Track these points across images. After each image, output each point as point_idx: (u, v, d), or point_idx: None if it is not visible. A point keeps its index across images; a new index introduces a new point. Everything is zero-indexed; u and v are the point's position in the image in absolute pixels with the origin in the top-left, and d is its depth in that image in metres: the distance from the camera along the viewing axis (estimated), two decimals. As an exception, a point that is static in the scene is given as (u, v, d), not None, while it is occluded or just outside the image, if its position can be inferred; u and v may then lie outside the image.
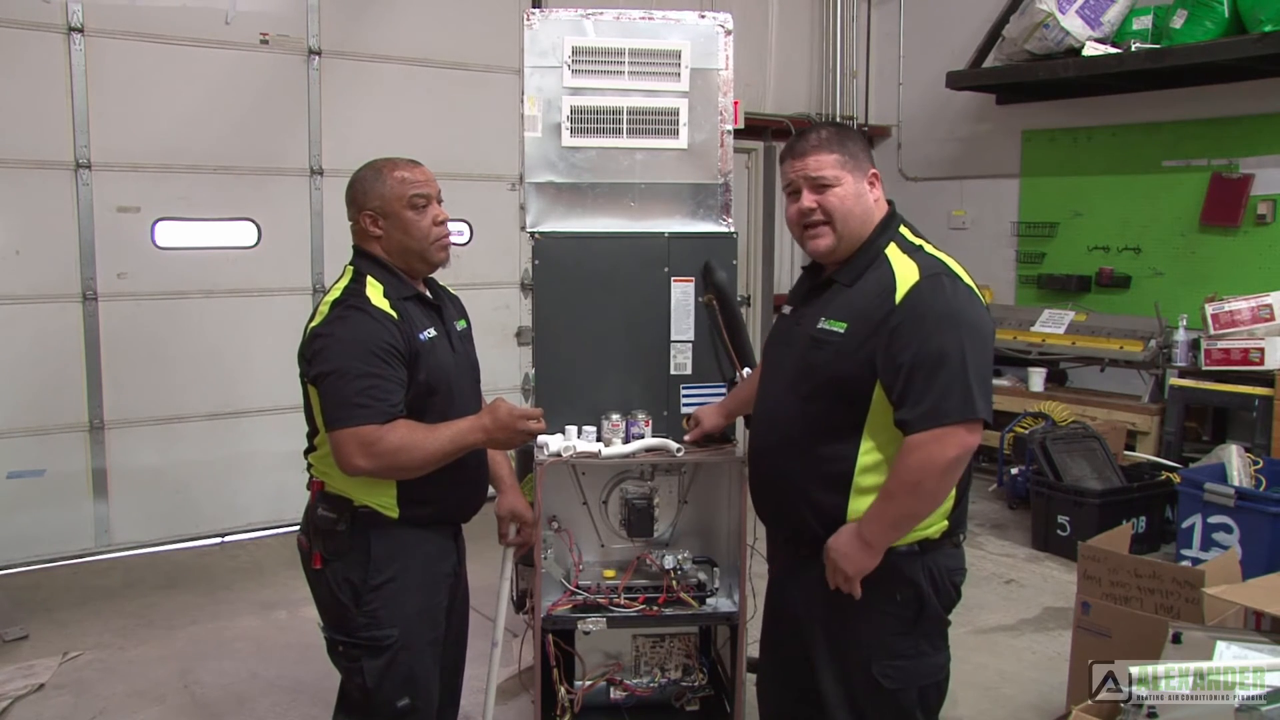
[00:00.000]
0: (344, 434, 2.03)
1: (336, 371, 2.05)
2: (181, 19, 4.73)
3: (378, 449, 2.02)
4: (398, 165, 2.24)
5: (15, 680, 3.50)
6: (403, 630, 2.18)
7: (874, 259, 2.03)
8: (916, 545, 2.02)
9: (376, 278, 2.19)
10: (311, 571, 2.23)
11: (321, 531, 2.18)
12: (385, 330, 2.10)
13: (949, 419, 1.88)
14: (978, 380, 1.91)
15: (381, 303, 2.14)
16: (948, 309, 1.93)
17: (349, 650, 2.19)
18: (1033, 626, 4.07)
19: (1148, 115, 6.00)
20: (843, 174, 2.04)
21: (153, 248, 4.79)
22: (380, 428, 2.02)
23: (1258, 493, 4.19)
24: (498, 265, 5.69)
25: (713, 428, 2.77)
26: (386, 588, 2.17)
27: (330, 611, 2.22)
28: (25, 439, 4.56)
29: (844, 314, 2.01)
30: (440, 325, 2.27)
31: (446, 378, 2.22)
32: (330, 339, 2.09)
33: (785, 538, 2.22)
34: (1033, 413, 5.68)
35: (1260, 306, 4.84)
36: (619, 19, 2.92)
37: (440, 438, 2.08)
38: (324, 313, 2.14)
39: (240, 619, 4.10)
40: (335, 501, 2.18)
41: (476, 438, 2.12)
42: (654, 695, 3.02)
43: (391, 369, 2.08)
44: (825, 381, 2.02)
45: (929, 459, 1.89)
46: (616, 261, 2.88)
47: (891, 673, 2.03)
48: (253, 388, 5.05)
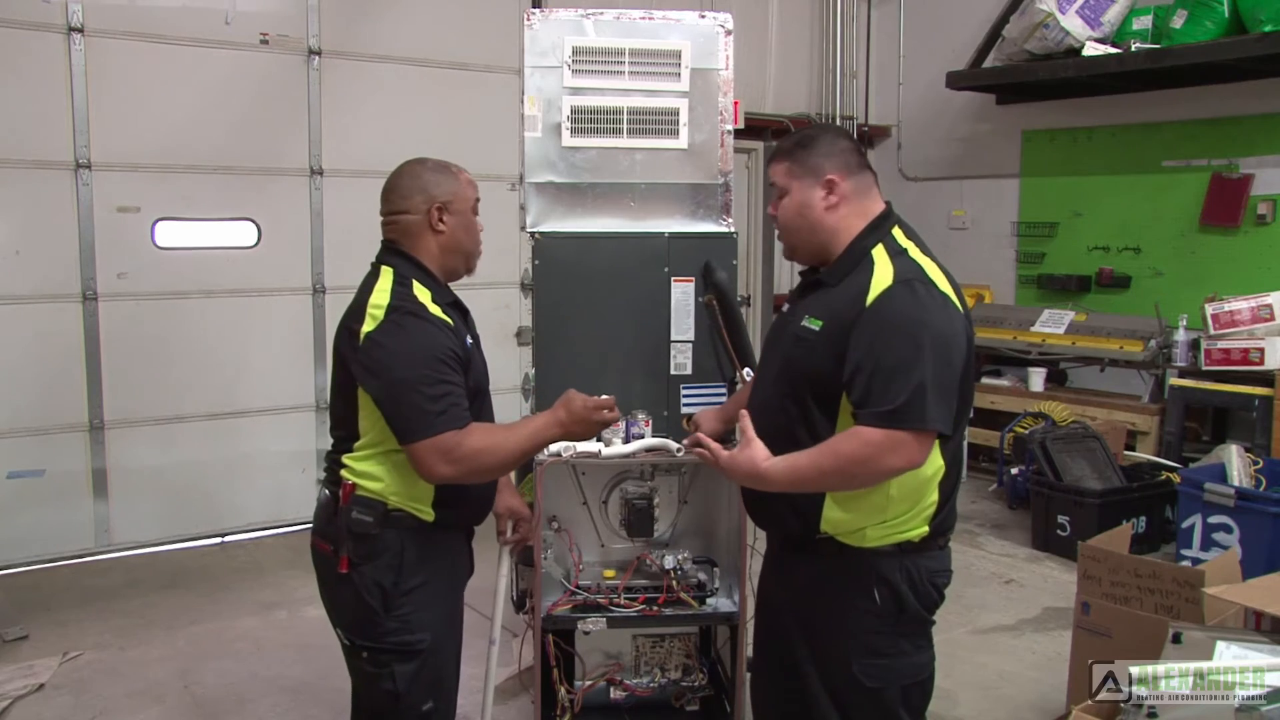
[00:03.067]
0: (424, 445, 2.01)
1: (405, 382, 2.02)
2: (181, 19, 4.73)
3: (458, 454, 2.02)
4: (461, 169, 2.25)
5: (15, 680, 3.50)
6: (434, 634, 2.17)
7: (860, 260, 2.02)
8: (895, 547, 2.01)
9: (422, 283, 2.14)
10: (335, 576, 2.15)
11: (355, 534, 2.12)
12: (446, 336, 2.09)
13: (905, 425, 1.86)
14: (937, 392, 1.88)
15: (434, 308, 2.11)
16: (916, 317, 1.91)
17: (376, 656, 2.14)
18: (1033, 626, 4.07)
19: (1148, 115, 6.00)
20: (790, 181, 2.07)
21: (153, 248, 4.79)
22: (459, 433, 2.02)
23: (1258, 493, 4.19)
24: (498, 265, 5.68)
25: (711, 433, 2.76)
26: (418, 592, 2.14)
27: (355, 616, 2.16)
28: (25, 439, 4.56)
29: (822, 312, 2.01)
30: (473, 331, 2.28)
31: (484, 382, 2.26)
32: (392, 349, 2.04)
33: (769, 534, 2.23)
34: (1033, 413, 5.69)
35: (1260, 306, 4.84)
36: (619, 19, 2.92)
37: (518, 436, 2.10)
38: (378, 318, 2.07)
39: (240, 619, 4.10)
40: (370, 504, 2.13)
41: (553, 432, 2.14)
42: (654, 695, 3.02)
43: (458, 374, 2.08)
44: (801, 378, 2.03)
45: (871, 457, 1.87)
46: (616, 261, 2.89)
47: (872, 671, 2.02)
48: (253, 388, 5.05)
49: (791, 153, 2.09)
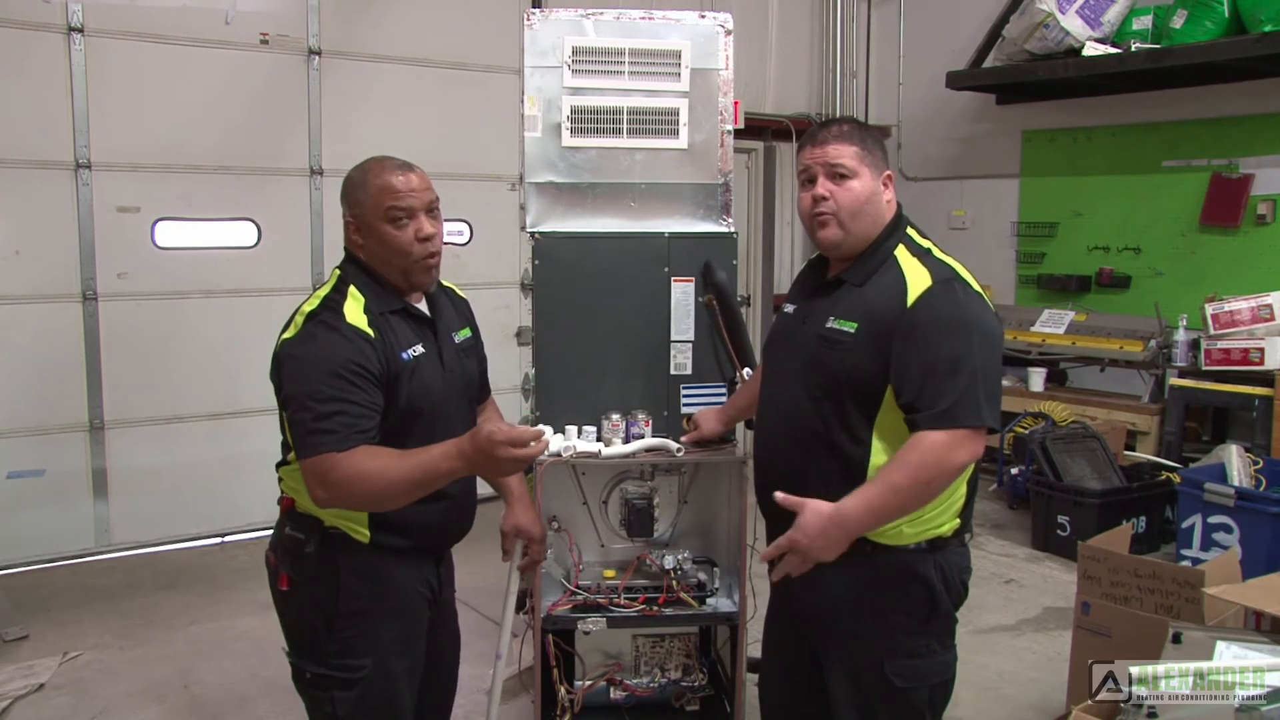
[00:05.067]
0: (305, 464, 1.87)
1: (299, 396, 1.89)
2: (181, 19, 4.73)
3: (332, 478, 1.84)
4: (385, 169, 2.01)
5: (15, 680, 3.49)
6: (377, 659, 2.02)
7: (884, 260, 2.03)
8: (927, 543, 2.01)
9: (360, 288, 2.00)
10: (278, 593, 2.07)
11: (289, 552, 2.02)
12: (355, 349, 1.91)
13: (963, 423, 1.88)
14: (987, 389, 1.92)
15: (359, 319, 1.95)
16: (962, 316, 1.94)
17: (319, 679, 2.02)
18: (1033, 626, 4.07)
19: (1148, 115, 6.00)
20: (860, 167, 2.03)
21: (153, 248, 4.79)
22: (336, 455, 1.83)
23: (1258, 493, 4.19)
24: (498, 265, 5.69)
25: (711, 433, 2.77)
26: (360, 616, 2.01)
27: (298, 637, 2.07)
28: (25, 439, 4.56)
29: (854, 314, 2.00)
30: (431, 341, 2.07)
31: (431, 400, 2.02)
32: (296, 360, 1.92)
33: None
34: (1033, 413, 5.69)
35: (1260, 306, 4.84)
36: (619, 19, 2.91)
37: (406, 466, 1.84)
38: (298, 324, 1.97)
39: (240, 619, 4.09)
40: (304, 521, 2.02)
41: (452, 465, 1.82)
42: (654, 695, 3.02)
43: (360, 391, 1.89)
44: (837, 380, 2.01)
45: (944, 460, 1.89)
46: (616, 261, 2.88)
47: (905, 671, 2.02)
48: (252, 388, 5.03)
49: (863, 138, 2.05)
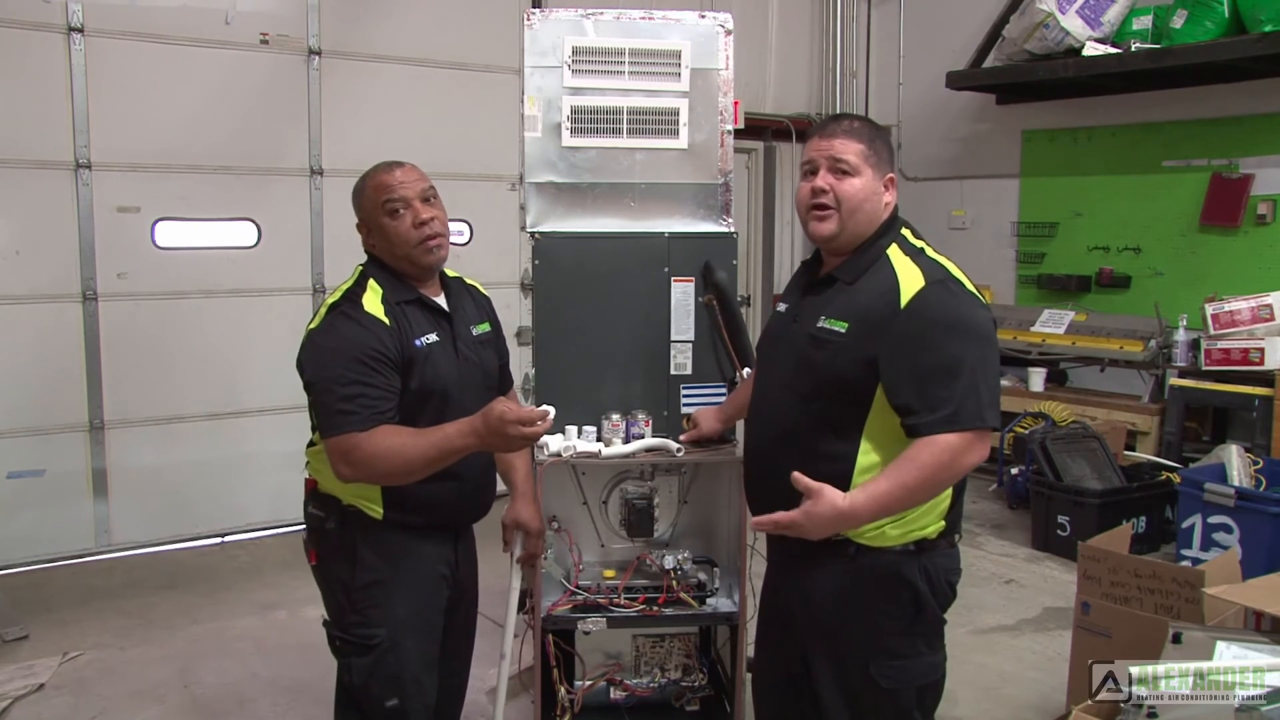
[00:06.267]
0: (329, 443, 2.06)
1: (323, 381, 2.08)
2: (181, 19, 4.73)
3: (356, 455, 2.02)
4: (378, 170, 2.22)
5: (15, 680, 3.50)
6: (390, 632, 2.18)
7: (876, 259, 2.03)
8: (913, 545, 2.01)
9: (378, 281, 2.19)
10: (311, 566, 2.29)
11: (313, 529, 2.23)
12: (373, 336, 2.09)
13: (969, 426, 1.88)
14: (986, 389, 1.92)
15: (376, 308, 2.13)
16: (956, 316, 1.94)
17: (343, 645, 2.22)
18: (1033, 626, 4.07)
19: (1148, 115, 6.00)
20: (864, 166, 2.03)
21: (153, 248, 4.79)
22: (359, 435, 2.02)
23: (1258, 493, 4.19)
24: (498, 265, 5.69)
25: (710, 432, 2.77)
26: (374, 589, 2.18)
27: (329, 606, 2.27)
28: (25, 439, 4.56)
29: (845, 313, 2.00)
30: (446, 331, 2.24)
31: (444, 385, 2.18)
32: (320, 348, 2.11)
33: (781, 536, 2.21)
34: (1033, 413, 5.69)
35: (1260, 306, 4.83)
36: (619, 19, 2.91)
37: (425, 443, 2.02)
38: (321, 315, 2.17)
39: (240, 619, 4.10)
40: (325, 500, 2.21)
41: (467, 442, 2.00)
42: (654, 695, 3.02)
43: (380, 375, 2.07)
44: (826, 380, 2.01)
45: (956, 462, 1.89)
46: (616, 261, 2.88)
47: (890, 673, 2.02)
48: (253, 388, 5.05)
49: (871, 138, 2.06)
